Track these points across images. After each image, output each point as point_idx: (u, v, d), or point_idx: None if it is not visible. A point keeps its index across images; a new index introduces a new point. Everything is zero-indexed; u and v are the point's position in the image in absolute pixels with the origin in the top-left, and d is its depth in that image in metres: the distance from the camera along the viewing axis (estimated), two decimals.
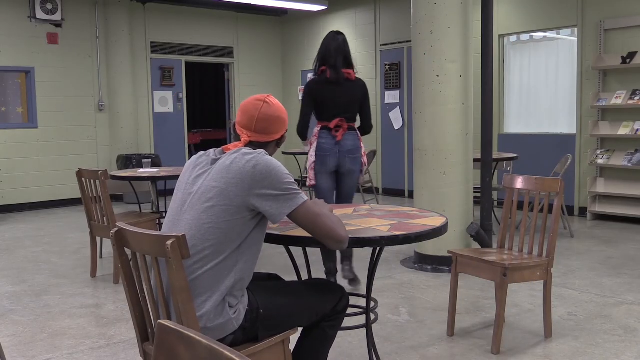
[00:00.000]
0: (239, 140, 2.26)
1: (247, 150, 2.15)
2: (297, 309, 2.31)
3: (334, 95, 4.23)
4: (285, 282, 2.51)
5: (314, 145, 4.23)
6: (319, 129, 4.27)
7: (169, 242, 1.91)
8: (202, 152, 2.27)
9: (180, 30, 10.23)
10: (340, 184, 4.39)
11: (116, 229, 2.11)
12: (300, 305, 2.33)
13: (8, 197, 8.69)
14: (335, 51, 4.21)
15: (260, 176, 2.07)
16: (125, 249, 2.15)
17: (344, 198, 4.41)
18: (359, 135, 4.39)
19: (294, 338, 2.46)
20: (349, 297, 2.49)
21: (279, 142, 2.33)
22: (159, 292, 2.06)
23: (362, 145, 4.40)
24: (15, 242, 6.56)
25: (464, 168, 5.03)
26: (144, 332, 2.22)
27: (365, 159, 4.43)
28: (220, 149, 2.25)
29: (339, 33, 4.30)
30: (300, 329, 2.43)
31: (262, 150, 2.16)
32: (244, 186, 2.06)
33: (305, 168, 4.98)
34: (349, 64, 4.25)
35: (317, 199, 2.64)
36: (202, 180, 2.15)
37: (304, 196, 2.14)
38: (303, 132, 4.29)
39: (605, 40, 7.10)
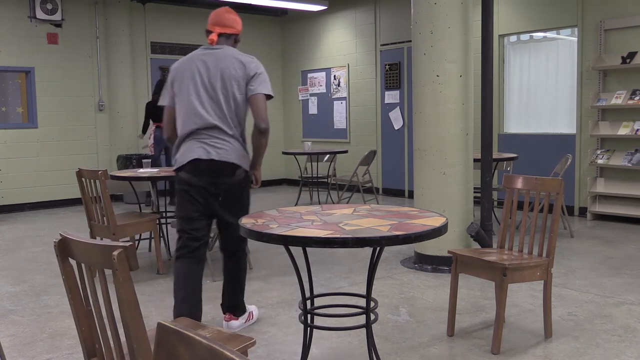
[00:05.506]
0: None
1: (243, 54, 3.48)
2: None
3: None
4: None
5: None
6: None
7: (115, 253, 1.73)
8: (185, 57, 3.55)
9: (180, 30, 10.22)
10: None
11: (59, 238, 1.93)
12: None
13: (8, 197, 8.69)
14: None
15: (260, 75, 3.40)
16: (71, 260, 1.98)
17: None
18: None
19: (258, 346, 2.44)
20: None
21: (237, 40, 3.70)
22: (106, 306, 1.91)
23: None
24: (15, 242, 6.56)
25: (464, 168, 5.03)
26: (92, 348, 2.05)
27: None
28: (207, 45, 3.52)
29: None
30: (255, 340, 2.38)
31: (253, 56, 3.47)
32: (247, 79, 3.37)
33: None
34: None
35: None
36: (217, 71, 3.39)
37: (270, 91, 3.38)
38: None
39: (605, 40, 7.10)
